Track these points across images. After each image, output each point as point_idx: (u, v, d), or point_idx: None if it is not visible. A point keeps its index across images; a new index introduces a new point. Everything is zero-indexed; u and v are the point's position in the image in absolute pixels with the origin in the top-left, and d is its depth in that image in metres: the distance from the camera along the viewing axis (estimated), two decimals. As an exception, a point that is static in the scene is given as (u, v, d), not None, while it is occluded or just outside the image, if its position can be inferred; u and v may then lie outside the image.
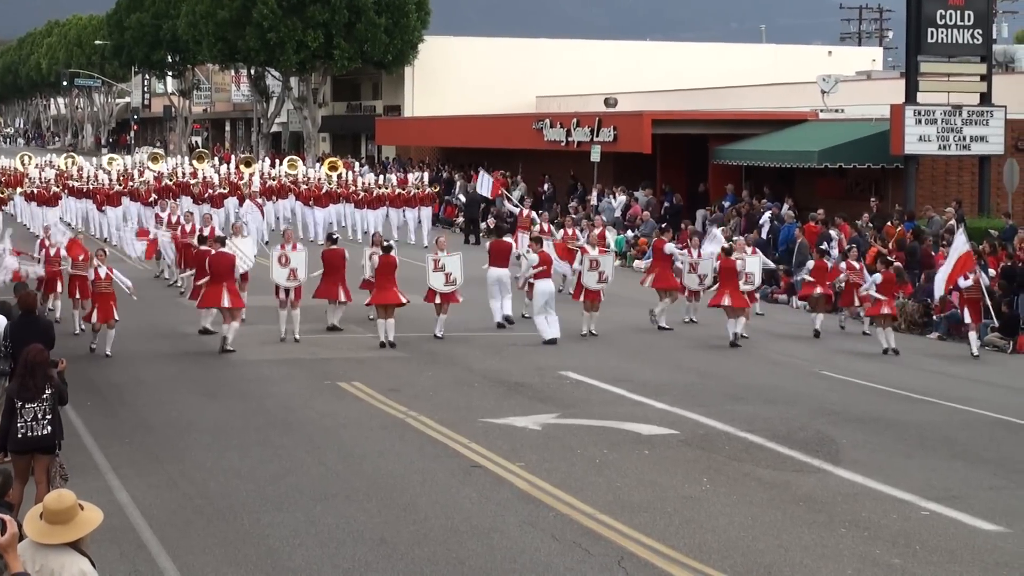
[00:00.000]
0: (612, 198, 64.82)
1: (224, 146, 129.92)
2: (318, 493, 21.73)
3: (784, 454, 24.91)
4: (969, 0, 52.93)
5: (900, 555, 18.90)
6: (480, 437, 25.61)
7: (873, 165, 55.70)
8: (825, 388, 31.83)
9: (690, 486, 22.49)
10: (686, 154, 68.45)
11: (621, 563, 18.21)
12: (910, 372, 33.80)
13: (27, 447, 18.99)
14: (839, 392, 31.40)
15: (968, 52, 53.36)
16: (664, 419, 27.66)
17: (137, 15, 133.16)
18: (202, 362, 33.23)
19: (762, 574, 17.83)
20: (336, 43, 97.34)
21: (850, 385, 32.31)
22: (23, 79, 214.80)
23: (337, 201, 62.68)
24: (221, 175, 64.89)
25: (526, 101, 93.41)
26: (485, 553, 18.65)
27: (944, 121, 52.84)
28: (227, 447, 24.90)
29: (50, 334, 23.25)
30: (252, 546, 18.88)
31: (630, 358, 34.92)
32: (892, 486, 22.59)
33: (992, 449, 25.98)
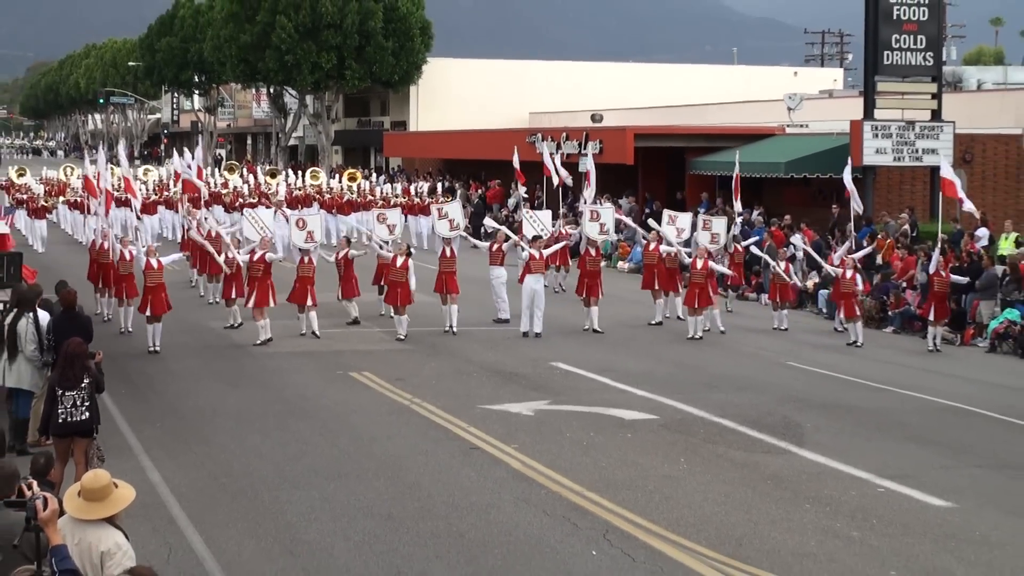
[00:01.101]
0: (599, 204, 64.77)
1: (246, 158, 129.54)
2: (331, 472, 21.75)
3: (754, 437, 24.93)
4: (921, 25, 53.04)
5: (858, 528, 18.93)
6: (478, 422, 25.62)
7: (835, 175, 55.48)
8: (791, 377, 31.85)
9: (669, 466, 22.50)
10: (665, 165, 68.47)
11: (606, 536, 18.23)
12: (868, 363, 33.82)
13: (67, 431, 19.05)
14: (803, 381, 31.44)
15: (920, 73, 53.43)
16: (645, 405, 27.68)
17: (167, 39, 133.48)
18: (225, 355, 33.22)
19: (734, 546, 17.84)
20: (348, 64, 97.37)
21: (813, 375, 32.34)
22: (63, 97, 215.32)
23: (357, 209, 62.20)
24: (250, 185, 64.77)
25: (520, 117, 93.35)
26: (483, 527, 18.67)
27: (899, 135, 52.90)
28: (248, 431, 24.91)
29: (88, 329, 23.25)
30: (271, 521, 18.90)
31: (614, 350, 34.91)
32: (851, 466, 22.62)
33: (942, 433, 26.01)
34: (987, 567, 17.24)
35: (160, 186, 63.77)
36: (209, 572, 16.32)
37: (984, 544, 18.27)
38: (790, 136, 61.72)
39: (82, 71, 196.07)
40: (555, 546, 17.83)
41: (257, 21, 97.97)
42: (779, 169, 56.94)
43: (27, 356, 22.97)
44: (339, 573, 16.67)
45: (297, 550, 17.60)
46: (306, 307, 35.50)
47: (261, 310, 34.18)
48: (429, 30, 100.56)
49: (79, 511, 11.24)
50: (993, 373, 33.25)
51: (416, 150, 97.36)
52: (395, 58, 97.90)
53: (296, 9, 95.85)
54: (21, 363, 23.03)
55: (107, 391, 22.25)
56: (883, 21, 52.67)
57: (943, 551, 17.90)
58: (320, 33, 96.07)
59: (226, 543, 17.78)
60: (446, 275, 36.70)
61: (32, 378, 23.04)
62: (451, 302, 36.49)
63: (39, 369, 23.01)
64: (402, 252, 35.92)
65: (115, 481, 11.48)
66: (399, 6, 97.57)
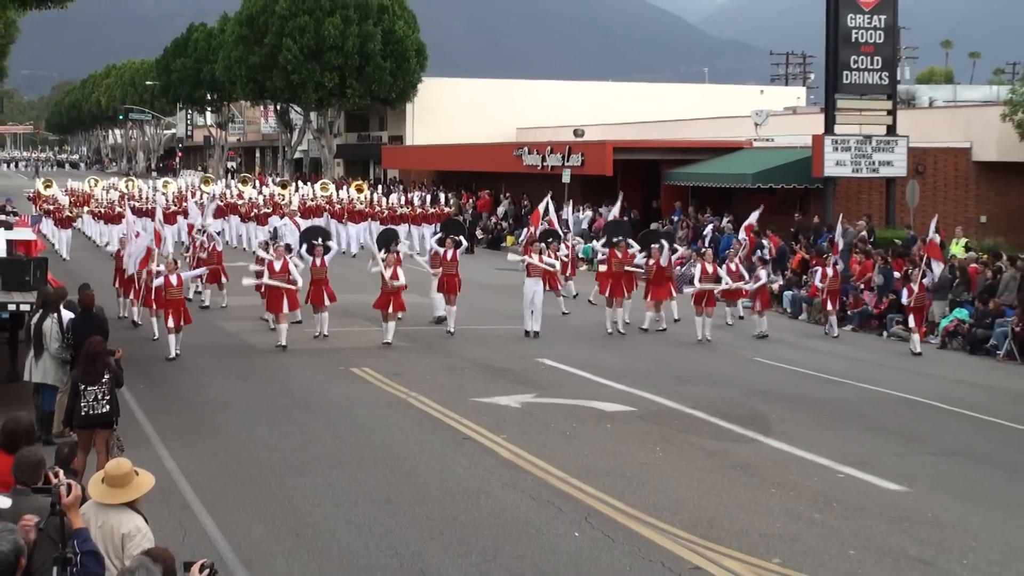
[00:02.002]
0: (580, 213, 64.91)
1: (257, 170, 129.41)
2: (334, 461, 21.74)
3: (724, 427, 24.94)
4: (878, 47, 53.16)
5: (820, 511, 18.94)
6: (470, 414, 25.61)
7: (798, 185, 55.81)
8: (758, 372, 31.87)
9: (645, 454, 22.50)
10: (642, 176, 68.47)
11: (588, 519, 18.23)
12: (829, 358, 33.88)
13: (89, 423, 19.07)
14: (770, 376, 31.46)
15: (877, 91, 53.54)
16: (624, 398, 27.68)
17: (181, 60, 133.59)
18: (235, 353, 33.18)
19: (706, 527, 17.85)
20: (349, 83, 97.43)
21: (779, 370, 32.36)
22: (86, 113, 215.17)
23: (366, 219, 62.04)
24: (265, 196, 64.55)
25: (508, 132, 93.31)
26: (474, 510, 18.66)
27: (857, 149, 53.00)
28: (257, 422, 24.89)
29: (105, 328, 23.21)
30: (278, 505, 18.88)
31: (596, 347, 34.92)
32: (813, 453, 22.64)
33: (896, 422, 26.04)
34: (938, 546, 17.26)
35: (179, 197, 63.55)
36: (221, 552, 16.31)
37: (935, 525, 18.30)
38: (757, 149, 61.71)
39: (103, 90, 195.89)
40: (541, 528, 17.83)
41: (265, 43, 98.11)
42: (747, 180, 57.01)
43: (52, 354, 23.00)
44: (341, 554, 16.66)
45: (302, 532, 17.59)
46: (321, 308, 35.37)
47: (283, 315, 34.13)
48: (424, 52, 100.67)
49: (102, 496, 11.30)
50: (944, 368, 33.30)
51: (412, 162, 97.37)
52: (392, 77, 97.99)
53: (301, 32, 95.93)
54: (46, 360, 23.06)
55: (127, 386, 22.24)
56: (843, 44, 52.84)
57: (898, 531, 17.92)
58: (323, 55, 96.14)
59: (236, 526, 17.78)
60: (447, 277, 36.43)
61: (56, 374, 23.05)
62: (450, 303, 36.37)
63: (62, 366, 23.06)
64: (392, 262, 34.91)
65: (135, 469, 11.53)
66: (396, 30, 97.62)
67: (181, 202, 61.63)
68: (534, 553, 16.73)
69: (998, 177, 57.03)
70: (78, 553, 9.56)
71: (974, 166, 57.31)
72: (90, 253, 58.85)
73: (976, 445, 24.14)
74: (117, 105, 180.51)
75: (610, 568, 16.14)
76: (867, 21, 53.16)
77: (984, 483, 21.10)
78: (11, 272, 27.04)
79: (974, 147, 57.26)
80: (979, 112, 60.15)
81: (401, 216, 62.08)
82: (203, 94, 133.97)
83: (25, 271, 26.84)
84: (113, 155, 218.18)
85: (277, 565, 16.16)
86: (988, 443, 24.43)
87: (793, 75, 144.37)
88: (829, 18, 53.08)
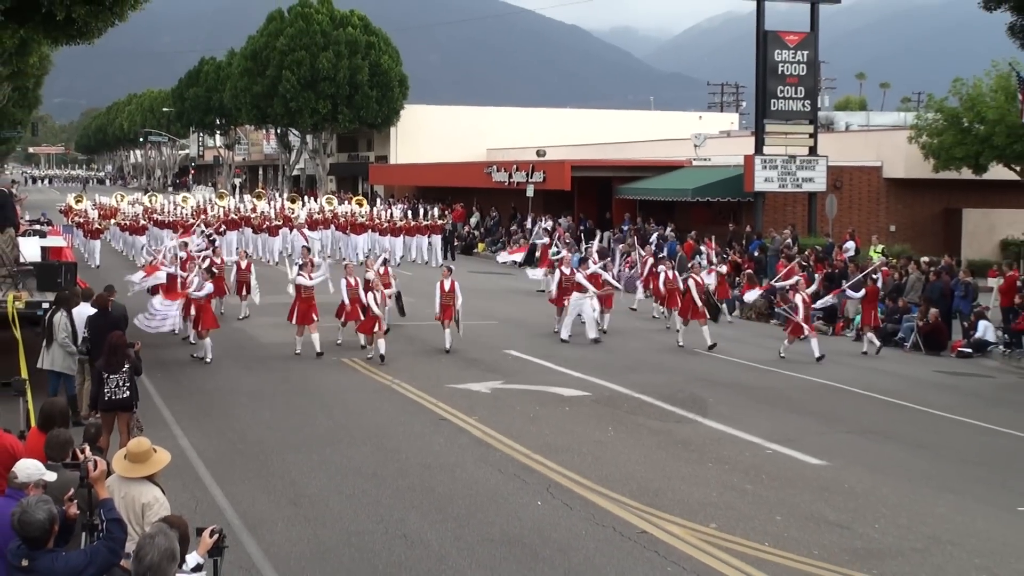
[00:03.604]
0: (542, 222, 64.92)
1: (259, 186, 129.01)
2: (327, 439, 21.69)
3: (667, 409, 24.96)
4: (801, 79, 53.43)
5: (751, 482, 18.98)
6: (446, 398, 25.59)
7: (732, 199, 55.99)
8: (698, 363, 31.90)
9: (599, 433, 22.51)
10: (596, 191, 68.70)
11: (548, 489, 18.23)
12: (758, 350, 33.94)
13: (112, 407, 19.04)
14: (708, 365, 31.49)
15: (800, 117, 53.78)
16: (580, 385, 27.68)
17: (194, 89, 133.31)
18: (240, 346, 33.05)
19: (651, 496, 17.86)
20: (340, 110, 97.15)
21: (716, 360, 32.40)
22: (110, 136, 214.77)
23: (366, 230, 61.38)
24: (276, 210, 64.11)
25: (479, 152, 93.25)
26: (450, 482, 18.64)
27: (783, 167, 53.22)
28: (260, 406, 24.83)
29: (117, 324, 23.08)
30: (279, 479, 18.84)
31: (556, 341, 34.88)
32: (746, 432, 22.68)
33: (818, 405, 26.11)
34: (853, 512, 17.30)
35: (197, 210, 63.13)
36: (229, 520, 16.26)
37: (851, 494, 18.34)
38: (696, 168, 61.88)
39: (125, 115, 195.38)
40: (508, 498, 17.82)
41: (267, 75, 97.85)
42: (687, 194, 57.21)
43: (59, 343, 23.00)
44: (334, 520, 16.63)
45: (300, 502, 17.55)
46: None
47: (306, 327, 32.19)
48: (405, 82, 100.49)
49: (125, 471, 11.34)
50: (858, 358, 33.40)
51: (395, 179, 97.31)
52: (378, 105, 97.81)
53: (298, 65, 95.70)
54: (55, 349, 23.07)
55: (145, 374, 22.21)
56: (770, 76, 53.09)
57: (818, 500, 17.96)
58: (318, 85, 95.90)
59: (242, 496, 17.73)
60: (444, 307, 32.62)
61: (64, 361, 23.09)
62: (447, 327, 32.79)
63: (69, 355, 23.10)
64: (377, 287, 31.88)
65: (154, 447, 11.59)
66: (381, 63, 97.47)
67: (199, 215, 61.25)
68: (502, 519, 16.73)
69: (905, 191, 57.29)
70: (104, 520, 9.56)
71: (884, 182, 57.58)
72: (119, 260, 58.50)
73: (887, 425, 24.22)
74: (138, 129, 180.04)
75: (568, 532, 16.14)
76: (792, 56, 53.39)
77: (893, 457, 21.17)
78: (45, 275, 27.11)
79: (884, 165, 57.52)
80: (889, 135, 60.41)
81: (398, 228, 61.70)
82: (212, 119, 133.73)
83: (57, 274, 26.90)
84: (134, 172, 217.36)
85: (278, 530, 16.13)
86: (897, 423, 24.51)
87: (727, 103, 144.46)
88: (759, 53, 53.32)
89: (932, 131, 51.31)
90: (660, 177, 62.35)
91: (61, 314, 23.31)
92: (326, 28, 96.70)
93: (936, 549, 15.78)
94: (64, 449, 11.59)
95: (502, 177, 70.25)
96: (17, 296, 24.80)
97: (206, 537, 9.57)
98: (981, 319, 35.57)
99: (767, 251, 47.06)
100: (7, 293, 25.20)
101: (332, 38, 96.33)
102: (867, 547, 15.78)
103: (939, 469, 20.42)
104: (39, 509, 8.87)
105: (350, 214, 63.17)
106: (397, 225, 61.70)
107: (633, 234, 55.89)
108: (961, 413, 25.64)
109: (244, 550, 15.11)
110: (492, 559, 15.06)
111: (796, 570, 14.76)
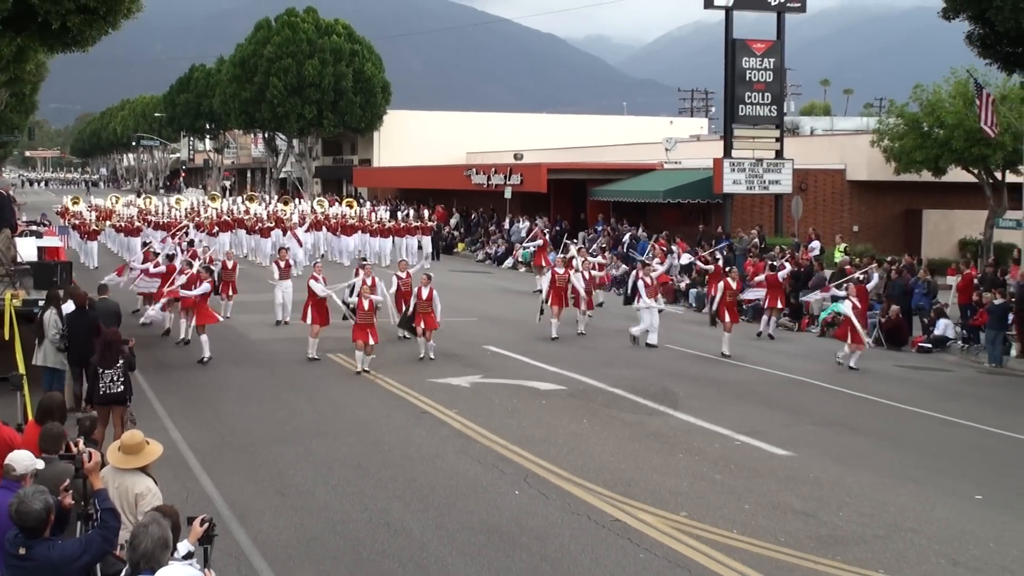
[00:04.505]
0: (519, 223, 64.98)
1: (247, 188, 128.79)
2: (313, 432, 21.68)
3: (640, 402, 25.00)
4: (767, 85, 53.55)
5: (720, 472, 19.02)
6: (427, 392, 25.60)
7: (701, 200, 56.10)
8: (669, 357, 31.94)
9: (574, 425, 22.53)
10: (571, 193, 68.74)
11: (526, 479, 18.24)
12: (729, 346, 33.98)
13: (106, 401, 19.06)
14: (678, 360, 31.56)
15: (767, 122, 53.90)
16: (556, 379, 27.71)
17: (184, 95, 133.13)
18: (229, 343, 32.97)
19: (624, 486, 17.88)
20: (325, 115, 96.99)
21: (686, 355, 32.46)
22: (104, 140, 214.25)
23: (356, 231, 60.90)
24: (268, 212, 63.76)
25: (459, 155, 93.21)
26: (431, 472, 18.65)
27: (750, 170, 53.34)
28: (248, 400, 24.82)
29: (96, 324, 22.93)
30: (266, 469, 18.82)
31: (533, 337, 34.88)
32: (715, 424, 22.73)
33: (784, 398, 26.19)
34: (818, 501, 17.35)
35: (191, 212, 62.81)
36: (218, 509, 16.24)
37: (816, 484, 18.40)
38: (667, 171, 62.02)
39: (119, 120, 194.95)
40: (487, 487, 17.83)
41: (255, 82, 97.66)
42: (659, 196, 57.32)
43: (49, 339, 22.95)
44: (320, 510, 16.62)
45: (287, 492, 17.53)
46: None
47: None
48: (388, 88, 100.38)
49: (119, 462, 11.40)
50: (822, 353, 33.44)
51: (379, 181, 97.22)
52: (362, 110, 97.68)
53: (285, 72, 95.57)
54: (47, 346, 23.01)
55: (139, 370, 22.16)
56: (738, 82, 53.20)
57: (784, 489, 18.01)
58: (304, 91, 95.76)
59: (231, 487, 17.72)
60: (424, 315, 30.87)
61: (56, 357, 23.03)
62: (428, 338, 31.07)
63: (60, 351, 23.01)
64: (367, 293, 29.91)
65: (146, 439, 11.63)
66: (365, 70, 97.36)
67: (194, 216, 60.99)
68: (481, 508, 16.74)
69: (868, 193, 57.48)
70: (98, 510, 9.57)
71: (848, 184, 57.76)
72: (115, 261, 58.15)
73: (850, 417, 24.29)
74: (130, 133, 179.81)
75: (545, 520, 16.15)
76: (759, 63, 53.52)
77: (857, 449, 21.22)
78: (42, 273, 27.06)
79: (848, 168, 57.70)
80: (852, 140, 60.53)
81: (388, 229, 61.47)
82: (203, 124, 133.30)
83: (53, 272, 26.88)
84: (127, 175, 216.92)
85: (265, 519, 16.11)
86: (860, 416, 24.58)
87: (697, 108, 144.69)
88: (727, 61, 53.42)
89: (893, 135, 51.42)
90: (633, 179, 62.47)
91: (51, 312, 23.26)
92: (312, 36, 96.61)
93: (898, 536, 15.84)
94: (57, 442, 11.59)
95: (481, 179, 70.28)
96: (15, 294, 24.74)
97: (196, 526, 9.55)
98: (940, 316, 35.71)
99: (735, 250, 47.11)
100: (5, 292, 25.15)
101: (317, 46, 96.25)
102: (831, 534, 15.82)
103: (901, 459, 20.48)
104: (36, 499, 8.92)
105: (341, 216, 63.03)
106: (386, 227, 61.53)
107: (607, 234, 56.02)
108: (922, 406, 25.73)
109: (233, 538, 15.10)
110: (472, 546, 15.07)
111: (763, 556, 14.80)
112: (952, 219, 56.48)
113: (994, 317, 32.64)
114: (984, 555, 15.18)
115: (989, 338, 32.95)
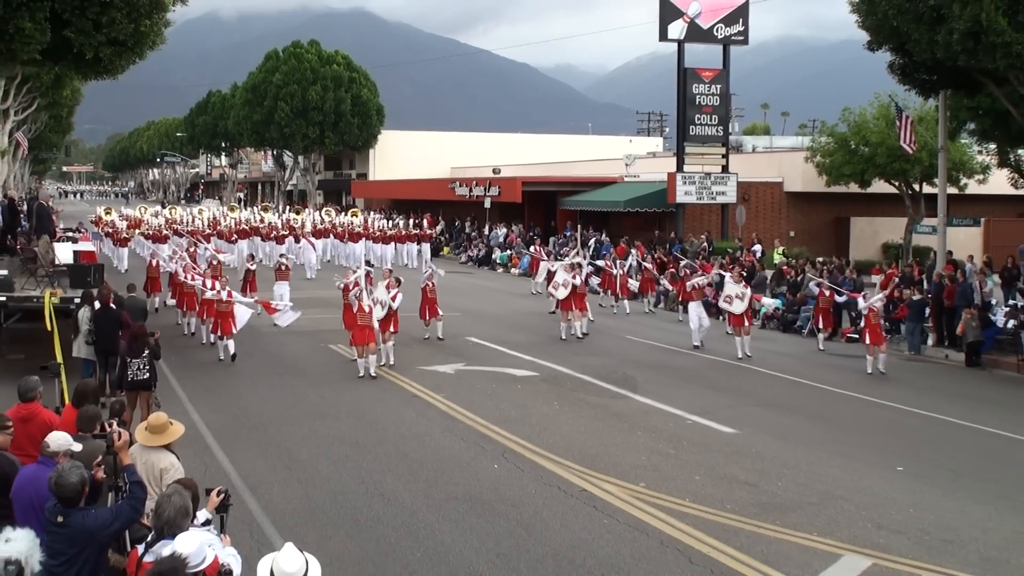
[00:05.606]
0: (498, 230, 64.97)
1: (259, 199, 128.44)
2: (316, 413, 21.64)
3: (604, 387, 25.00)
4: (715, 108, 53.63)
5: (674, 448, 19.03)
6: (416, 378, 25.57)
7: (657, 209, 56.13)
8: (629, 347, 31.96)
9: (546, 407, 22.52)
10: (543, 203, 68.75)
11: (504, 455, 18.23)
12: (681, 336, 33.88)
13: (134, 387, 19.02)
14: (638, 349, 31.55)
15: (714, 140, 53.94)
16: (530, 366, 27.70)
17: (203, 117, 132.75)
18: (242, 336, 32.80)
19: (591, 461, 17.88)
20: (327, 134, 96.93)
21: (645, 345, 32.46)
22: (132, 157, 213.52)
23: (361, 238, 60.00)
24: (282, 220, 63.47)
25: (444, 170, 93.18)
26: (420, 449, 18.62)
27: (700, 182, 53.37)
28: (259, 385, 24.75)
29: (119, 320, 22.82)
30: (275, 447, 18.78)
31: (510, 329, 34.90)
32: (670, 406, 22.73)
33: (729, 383, 26.19)
34: (760, 473, 17.38)
35: (214, 222, 62.56)
36: (233, 481, 16.20)
37: (758, 458, 18.42)
38: (627, 183, 62.06)
39: (144, 139, 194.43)
40: (469, 462, 17.82)
41: (265, 105, 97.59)
42: (620, 205, 57.37)
43: (82, 333, 23.09)
44: (322, 482, 16.59)
45: (293, 466, 17.49)
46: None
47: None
48: (382, 111, 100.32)
49: (145, 440, 11.39)
50: (763, 343, 33.47)
51: (374, 193, 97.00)
52: (359, 130, 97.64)
53: (291, 97, 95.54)
54: (80, 340, 23.07)
55: (164, 359, 22.08)
56: (689, 106, 53.26)
57: (731, 463, 18.03)
58: (308, 113, 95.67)
59: (244, 462, 17.67)
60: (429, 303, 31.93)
61: (88, 349, 23.10)
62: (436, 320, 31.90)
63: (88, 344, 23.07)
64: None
65: (170, 420, 11.60)
66: (362, 95, 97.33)
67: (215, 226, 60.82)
68: (465, 480, 16.72)
69: (802, 203, 57.58)
70: (127, 483, 9.55)
71: (785, 195, 57.85)
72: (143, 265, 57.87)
73: (788, 399, 24.32)
74: (155, 150, 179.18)
75: (520, 491, 16.15)
76: (707, 89, 53.58)
77: (794, 427, 21.26)
78: (77, 275, 27.00)
79: (785, 181, 57.78)
80: (789, 156, 60.66)
81: (390, 236, 61.35)
82: (219, 142, 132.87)
83: (87, 274, 26.83)
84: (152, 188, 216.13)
85: (274, 491, 16.07)
86: (797, 398, 24.62)
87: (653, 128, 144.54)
88: (680, 87, 53.49)
89: (825, 152, 51.61)
90: (597, 191, 62.51)
91: (84, 309, 23.25)
92: (315, 66, 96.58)
93: (830, 503, 15.87)
94: (92, 422, 11.62)
95: (464, 191, 70.17)
96: (53, 292, 24.76)
97: (214, 496, 9.56)
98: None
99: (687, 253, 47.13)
100: (45, 290, 25.20)
101: (320, 74, 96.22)
102: (772, 502, 15.85)
103: (832, 436, 20.52)
104: (72, 473, 8.92)
105: (348, 224, 63.00)
106: (388, 234, 61.47)
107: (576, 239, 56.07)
108: (850, 389, 25.79)
109: (246, 507, 15.06)
110: (456, 513, 15.06)
111: (712, 522, 14.82)
112: (876, 225, 56.66)
113: (913, 311, 32.79)
114: (904, 519, 15.23)
115: (909, 329, 33.07)
